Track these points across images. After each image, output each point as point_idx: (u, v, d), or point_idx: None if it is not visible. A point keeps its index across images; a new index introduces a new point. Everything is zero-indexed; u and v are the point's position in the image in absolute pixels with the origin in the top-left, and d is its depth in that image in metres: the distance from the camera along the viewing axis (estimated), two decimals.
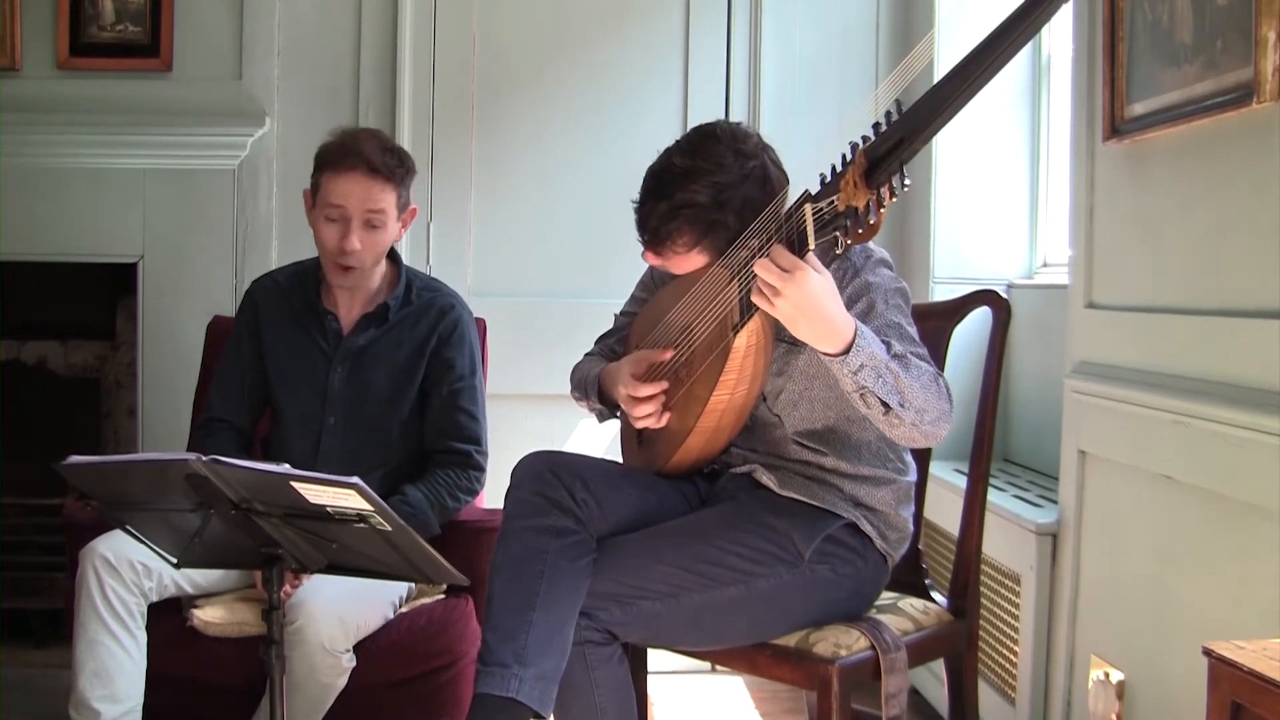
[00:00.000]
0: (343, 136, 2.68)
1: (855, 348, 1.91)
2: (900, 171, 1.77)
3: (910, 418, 1.98)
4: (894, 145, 1.78)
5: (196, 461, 1.80)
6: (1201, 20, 2.12)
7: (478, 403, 2.77)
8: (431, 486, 2.65)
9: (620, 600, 2.08)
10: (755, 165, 2.09)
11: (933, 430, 2.02)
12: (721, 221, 2.07)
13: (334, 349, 2.72)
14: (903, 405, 1.96)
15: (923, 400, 1.97)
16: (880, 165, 1.78)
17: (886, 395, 1.95)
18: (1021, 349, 3.29)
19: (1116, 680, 2.37)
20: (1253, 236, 2.03)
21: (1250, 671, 1.42)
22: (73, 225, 3.57)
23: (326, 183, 2.63)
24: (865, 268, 2.13)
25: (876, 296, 2.10)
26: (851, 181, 1.80)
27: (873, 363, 1.93)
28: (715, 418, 2.13)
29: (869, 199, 1.79)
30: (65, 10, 3.54)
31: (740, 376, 2.09)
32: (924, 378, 1.99)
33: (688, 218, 2.07)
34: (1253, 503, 1.98)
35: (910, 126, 1.78)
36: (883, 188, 1.78)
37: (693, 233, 2.08)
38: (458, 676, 2.62)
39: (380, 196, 2.61)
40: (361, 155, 2.60)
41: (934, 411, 2.00)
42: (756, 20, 3.65)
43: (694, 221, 2.07)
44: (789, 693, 3.38)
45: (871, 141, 1.81)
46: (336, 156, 2.62)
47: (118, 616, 2.38)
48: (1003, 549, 2.80)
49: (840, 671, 2.04)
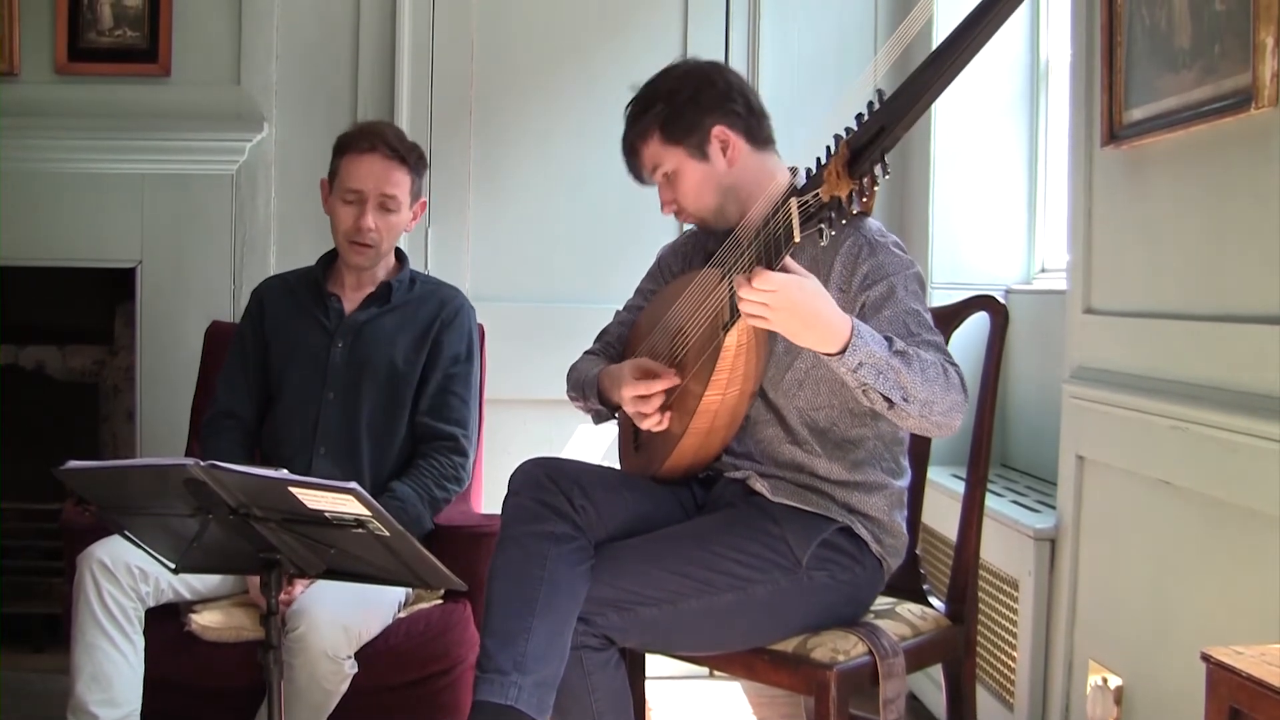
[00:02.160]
0: (362, 125, 2.87)
1: (852, 347, 1.92)
2: (881, 160, 1.79)
3: (916, 410, 1.99)
4: (875, 134, 1.80)
5: (195, 466, 1.80)
6: (1200, 25, 2.13)
7: (470, 390, 2.82)
8: (418, 479, 2.68)
9: (618, 606, 2.08)
10: (676, 65, 2.31)
11: (944, 420, 2.02)
12: (655, 98, 2.24)
13: (336, 327, 2.79)
14: (906, 400, 1.97)
15: (927, 393, 1.98)
16: (862, 154, 1.80)
17: (888, 391, 1.96)
18: (1020, 354, 3.29)
19: (1115, 686, 2.37)
20: (1251, 241, 2.03)
21: (1248, 677, 1.42)
22: (71, 230, 3.56)
23: (345, 166, 2.75)
24: (881, 247, 2.15)
25: (897, 281, 2.12)
26: (834, 172, 1.82)
27: (872, 360, 1.94)
28: (709, 418, 2.13)
29: (851, 189, 1.81)
30: (64, 15, 3.54)
31: (732, 376, 2.10)
32: (930, 371, 1.99)
33: (635, 120, 2.27)
34: (1251, 508, 1.98)
35: (891, 115, 1.80)
36: (865, 177, 1.79)
37: (640, 122, 2.25)
38: (456, 682, 2.62)
39: (397, 179, 2.73)
40: (380, 139, 2.74)
41: (943, 403, 2.00)
42: (754, 23, 3.65)
43: (638, 114, 2.27)
44: (787, 698, 3.38)
45: (854, 132, 1.83)
46: (356, 140, 2.76)
47: (115, 621, 2.38)
48: (1001, 554, 2.80)
49: (838, 677, 2.04)
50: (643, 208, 2.58)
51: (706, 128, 2.22)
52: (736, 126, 2.23)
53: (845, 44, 3.68)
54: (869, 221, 2.19)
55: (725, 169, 2.22)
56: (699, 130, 2.21)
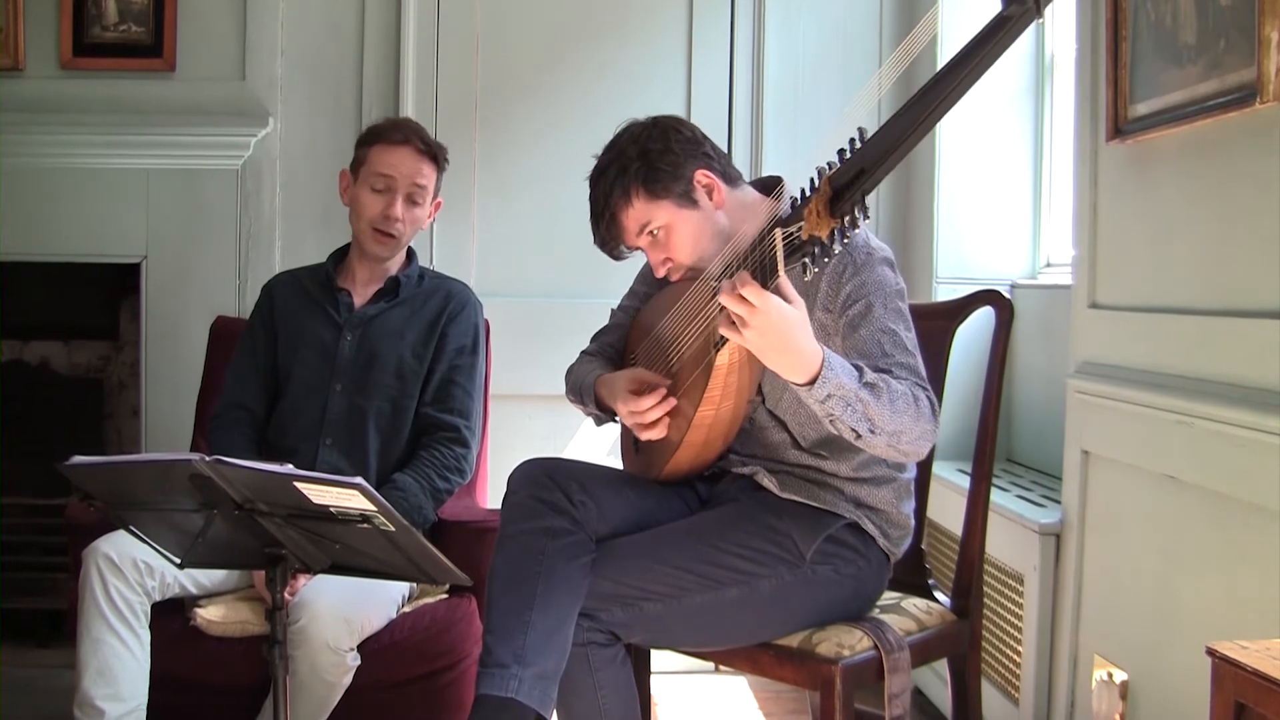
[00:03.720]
0: (393, 119, 2.96)
1: (821, 379, 1.88)
2: (862, 202, 1.76)
3: (883, 441, 1.96)
4: (854, 176, 1.77)
5: (200, 462, 1.80)
6: (1205, 20, 2.12)
7: (474, 382, 2.85)
8: (420, 470, 2.69)
9: (623, 601, 2.09)
10: (626, 126, 2.26)
11: (911, 449, 2.00)
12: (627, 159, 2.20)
13: (345, 320, 2.81)
14: (873, 431, 1.94)
15: (895, 425, 1.95)
16: (844, 195, 1.78)
17: (855, 423, 1.93)
18: (1025, 349, 3.29)
19: (1120, 680, 2.37)
20: (1256, 236, 2.03)
21: (1254, 671, 1.42)
22: (76, 225, 3.57)
23: (377, 154, 2.80)
24: (866, 265, 2.11)
25: (875, 300, 2.08)
26: (815, 211, 1.79)
27: (840, 392, 1.90)
28: (703, 432, 2.13)
29: (833, 228, 1.78)
30: (68, 10, 3.54)
31: (725, 392, 2.09)
32: (899, 401, 1.95)
33: (609, 185, 2.22)
34: (1256, 503, 1.98)
35: (869, 159, 1.77)
36: (845, 217, 1.77)
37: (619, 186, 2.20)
38: (461, 677, 2.62)
39: (426, 173, 2.82)
40: (415, 132, 2.84)
41: (911, 433, 1.97)
42: (759, 20, 3.64)
43: (612, 179, 2.22)
44: (792, 693, 3.38)
45: (837, 168, 1.81)
46: (389, 131, 2.83)
47: (121, 616, 2.39)
48: (1006, 549, 2.80)
49: (843, 672, 2.05)
50: None
51: (689, 174, 2.18)
52: (714, 169, 2.20)
53: (850, 42, 3.67)
54: (859, 235, 2.12)
55: (714, 212, 2.19)
56: (682, 179, 2.17)
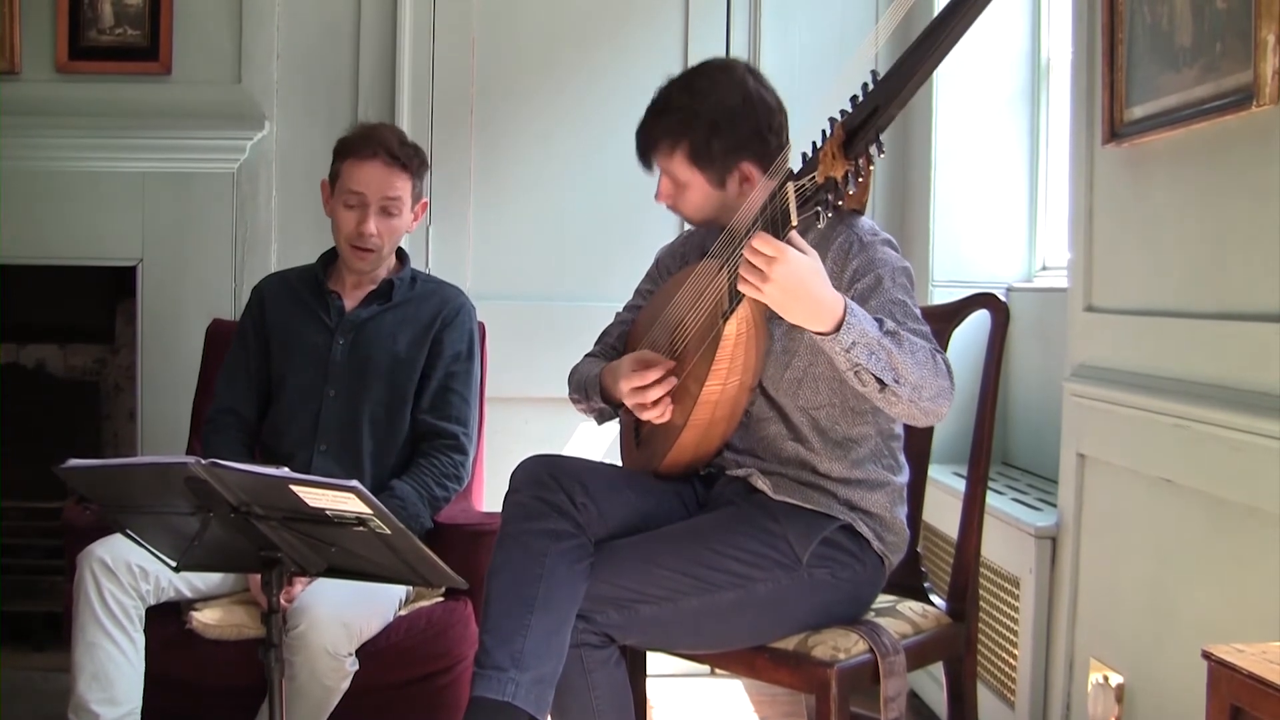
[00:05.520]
0: (363, 129, 2.84)
1: (846, 325, 1.91)
2: (876, 140, 1.78)
3: (907, 394, 1.98)
4: (870, 113, 1.80)
5: (195, 465, 1.80)
6: (1201, 23, 2.12)
7: (471, 388, 2.83)
8: (418, 478, 2.68)
9: (618, 604, 2.08)
10: (730, 78, 2.22)
11: (932, 407, 2.01)
12: (698, 120, 2.18)
13: (337, 324, 2.80)
14: (898, 381, 1.96)
15: (918, 376, 1.97)
16: (857, 134, 1.80)
17: (880, 371, 1.95)
18: (1021, 352, 3.29)
19: (1116, 684, 2.37)
20: (1252, 239, 2.03)
21: (1250, 675, 1.42)
22: (72, 228, 3.57)
23: (347, 170, 2.75)
24: (871, 245, 2.15)
25: (884, 273, 2.11)
26: (829, 153, 1.82)
27: (865, 339, 1.93)
28: (709, 409, 2.13)
29: (847, 169, 1.80)
30: (64, 13, 3.55)
31: (732, 366, 2.09)
32: (919, 354, 1.98)
33: (666, 124, 2.22)
34: (1252, 506, 1.98)
35: (884, 94, 1.80)
36: (860, 158, 1.79)
37: (671, 133, 2.21)
38: (457, 679, 2.62)
39: (397, 184, 2.74)
40: (382, 144, 2.74)
41: (931, 388, 1.99)
42: (755, 24, 3.65)
43: (672, 123, 2.21)
44: (788, 696, 3.38)
45: (848, 114, 1.83)
46: (358, 145, 2.76)
47: (116, 620, 2.38)
48: (1002, 552, 2.80)
49: (839, 675, 2.04)
50: (643, 206, 2.58)
51: (734, 164, 2.20)
52: (763, 161, 2.20)
53: (846, 39, 3.67)
54: (862, 221, 2.19)
55: (734, 197, 2.21)
56: (727, 166, 2.20)
